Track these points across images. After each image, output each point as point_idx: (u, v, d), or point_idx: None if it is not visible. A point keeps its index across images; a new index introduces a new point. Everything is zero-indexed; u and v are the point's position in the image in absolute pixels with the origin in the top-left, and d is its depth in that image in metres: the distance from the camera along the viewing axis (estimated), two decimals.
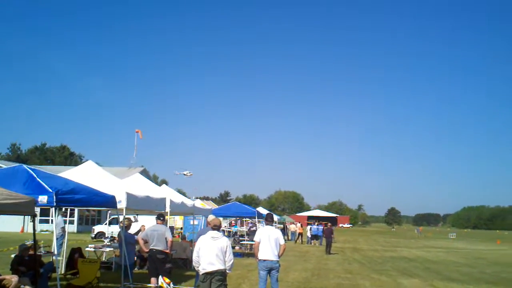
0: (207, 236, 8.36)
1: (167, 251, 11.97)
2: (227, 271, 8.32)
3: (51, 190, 8.50)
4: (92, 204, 10.35)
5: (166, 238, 11.93)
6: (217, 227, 8.61)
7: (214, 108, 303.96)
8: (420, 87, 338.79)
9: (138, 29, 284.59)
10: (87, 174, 12.81)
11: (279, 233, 10.52)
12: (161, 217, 12.52)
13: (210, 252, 8.15)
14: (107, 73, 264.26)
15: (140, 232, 15.26)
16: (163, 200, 14.61)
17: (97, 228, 36.79)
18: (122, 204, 11.34)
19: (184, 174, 75.94)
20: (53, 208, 9.00)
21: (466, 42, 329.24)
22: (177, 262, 17.37)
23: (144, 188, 15.29)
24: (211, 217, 9.77)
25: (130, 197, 11.65)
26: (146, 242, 12.15)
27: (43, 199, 8.41)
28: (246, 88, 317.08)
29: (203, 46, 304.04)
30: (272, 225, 10.74)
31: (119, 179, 14.36)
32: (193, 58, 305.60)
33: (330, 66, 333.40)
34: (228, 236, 41.06)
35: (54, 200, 8.44)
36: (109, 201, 10.65)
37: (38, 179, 8.85)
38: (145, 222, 27.20)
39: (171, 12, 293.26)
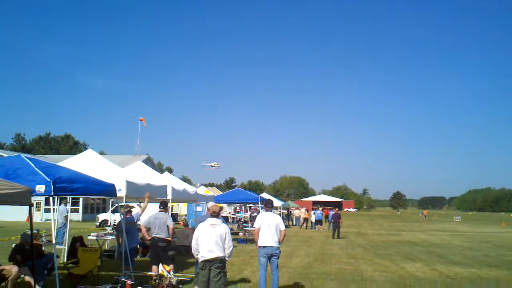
0: (206, 223, 8.31)
1: (169, 239, 11.96)
2: (226, 258, 8.27)
3: (48, 179, 8.40)
4: (91, 193, 10.26)
5: (168, 226, 11.92)
6: (216, 214, 8.54)
7: (219, 96, 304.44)
8: (424, 73, 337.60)
9: (141, 20, 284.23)
10: (87, 163, 12.79)
11: (279, 219, 10.43)
12: (162, 205, 12.48)
13: (209, 240, 8.09)
14: (114, 63, 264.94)
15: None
16: (164, 187, 14.57)
17: (102, 216, 36.86)
18: (122, 192, 11.30)
19: (212, 166, 75.06)
20: (51, 198, 8.90)
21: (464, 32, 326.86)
22: (179, 249, 17.37)
23: (145, 175, 15.23)
24: (210, 203, 9.72)
25: (130, 185, 11.61)
26: (148, 229, 12.14)
27: (40, 188, 8.31)
28: (251, 76, 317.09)
29: (204, 38, 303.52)
30: (271, 211, 10.65)
31: (119, 167, 14.36)
32: (195, 48, 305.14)
33: (334, 55, 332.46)
34: (233, 222, 41.26)
35: (52, 189, 8.33)
36: (109, 190, 10.57)
37: (35, 168, 8.76)
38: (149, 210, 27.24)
39: (173, 3, 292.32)
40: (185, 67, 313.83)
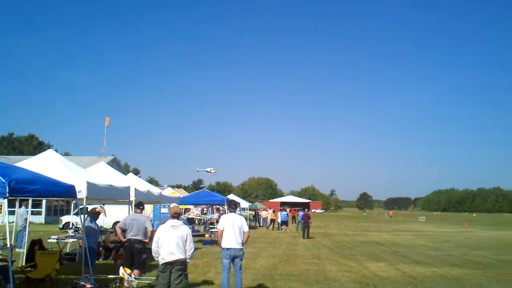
0: (167, 225, 8.21)
1: (146, 240, 11.71)
2: (188, 260, 8.20)
3: (4, 180, 8.11)
4: (49, 195, 9.99)
5: (146, 228, 11.70)
6: (177, 215, 8.44)
7: (187, 95, 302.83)
8: (392, 74, 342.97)
9: (111, 19, 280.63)
10: (47, 164, 12.43)
11: (243, 220, 10.35)
12: (140, 206, 12.24)
13: (170, 241, 8.01)
14: (81, 61, 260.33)
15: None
16: (127, 189, 14.34)
17: (65, 219, 36.06)
18: (82, 193, 11.04)
19: (207, 171, 73.72)
20: (7, 199, 8.59)
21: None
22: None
23: (107, 177, 14.98)
24: (172, 205, 9.58)
25: (90, 186, 11.36)
26: (124, 231, 11.89)
27: None
28: (217, 77, 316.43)
29: (174, 38, 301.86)
30: (235, 212, 10.58)
31: (81, 168, 14.03)
32: (163, 47, 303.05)
33: (305, 54, 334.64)
34: (199, 223, 41.01)
35: (7, 190, 8.07)
36: (68, 191, 10.30)
37: None
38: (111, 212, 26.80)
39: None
40: (153, 67, 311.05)
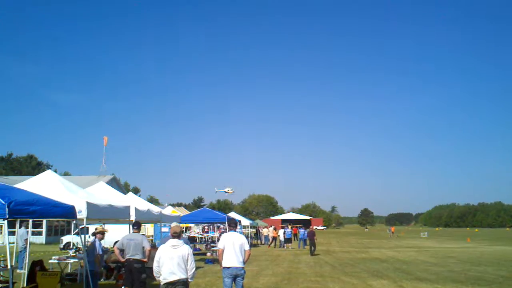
0: (167, 245, 8.16)
1: (145, 260, 11.68)
2: (189, 280, 8.12)
3: (3, 202, 8.10)
4: (49, 215, 9.96)
5: (143, 247, 11.65)
6: (177, 235, 8.39)
7: (186, 113, 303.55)
8: (391, 89, 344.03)
9: (105, 36, 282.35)
10: (46, 184, 12.41)
11: (243, 239, 10.32)
12: (136, 226, 12.21)
13: (171, 261, 7.95)
14: (80, 80, 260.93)
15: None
16: (127, 208, 14.30)
17: (66, 239, 35.88)
18: (82, 214, 11.03)
19: (225, 192, 73.85)
20: (6, 221, 8.56)
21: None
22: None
23: (107, 196, 14.96)
24: (173, 224, 9.55)
25: (90, 206, 11.34)
26: (121, 251, 11.84)
27: None
28: (218, 94, 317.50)
29: (173, 56, 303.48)
30: (235, 231, 10.54)
31: (81, 188, 14.00)
32: (163, 64, 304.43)
33: (304, 70, 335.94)
34: (201, 242, 40.82)
35: (7, 212, 8.05)
36: (68, 212, 10.30)
37: None
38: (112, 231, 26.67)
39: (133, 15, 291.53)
40: (152, 84, 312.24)
